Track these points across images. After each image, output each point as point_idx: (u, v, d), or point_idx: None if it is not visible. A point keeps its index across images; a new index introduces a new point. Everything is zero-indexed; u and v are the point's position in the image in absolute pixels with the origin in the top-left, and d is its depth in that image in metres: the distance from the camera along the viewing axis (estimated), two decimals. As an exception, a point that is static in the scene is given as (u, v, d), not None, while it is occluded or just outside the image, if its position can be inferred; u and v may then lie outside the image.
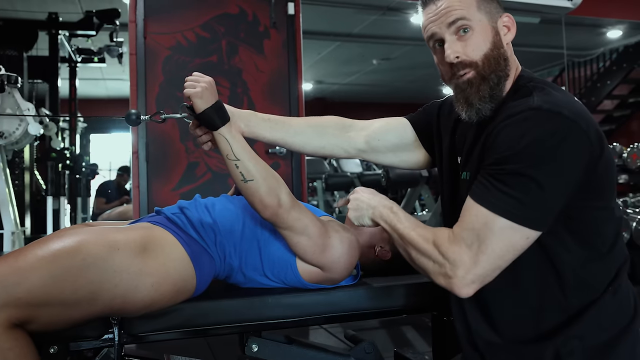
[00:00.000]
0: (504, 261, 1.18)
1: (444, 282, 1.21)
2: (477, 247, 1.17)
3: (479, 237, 1.16)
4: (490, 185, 1.17)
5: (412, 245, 1.29)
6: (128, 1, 3.71)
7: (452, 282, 1.19)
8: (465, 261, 1.17)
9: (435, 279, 1.23)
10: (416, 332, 3.07)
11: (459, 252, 1.18)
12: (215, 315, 1.49)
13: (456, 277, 1.18)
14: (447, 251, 1.20)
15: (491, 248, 1.16)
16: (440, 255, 1.21)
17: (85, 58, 6.61)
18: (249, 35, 3.89)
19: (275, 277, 1.55)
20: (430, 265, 1.23)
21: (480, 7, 1.29)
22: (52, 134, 4.87)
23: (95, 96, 10.90)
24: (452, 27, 1.29)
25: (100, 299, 1.28)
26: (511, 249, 1.16)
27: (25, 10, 6.18)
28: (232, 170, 1.42)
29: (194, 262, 1.43)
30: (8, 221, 3.69)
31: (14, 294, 1.18)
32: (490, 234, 1.16)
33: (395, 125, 1.65)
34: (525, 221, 1.14)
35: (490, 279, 1.19)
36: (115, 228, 1.40)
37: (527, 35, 7.83)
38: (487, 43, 1.29)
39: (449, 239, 1.21)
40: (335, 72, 10.58)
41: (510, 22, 1.33)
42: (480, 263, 1.17)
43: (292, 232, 1.47)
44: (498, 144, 1.18)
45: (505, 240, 1.16)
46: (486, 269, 1.17)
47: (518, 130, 1.16)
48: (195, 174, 3.75)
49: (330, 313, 1.56)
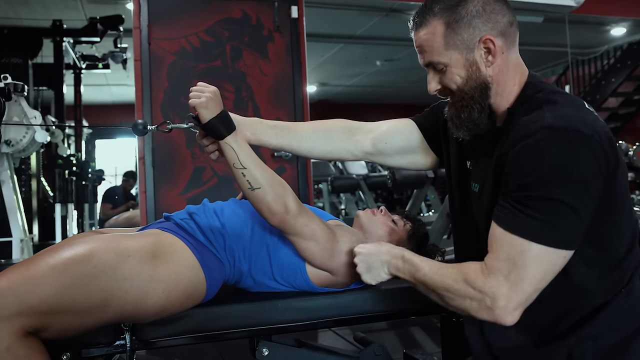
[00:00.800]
0: (545, 282, 1.17)
1: (487, 316, 1.20)
2: (516, 275, 1.16)
3: (517, 265, 1.16)
4: (518, 212, 1.16)
5: (442, 290, 1.27)
6: (132, 7, 3.72)
7: (496, 313, 1.18)
8: (504, 292, 1.17)
9: (477, 315, 1.22)
10: (425, 333, 3.07)
11: (497, 285, 1.17)
12: (226, 320, 1.50)
13: (498, 308, 1.17)
14: (483, 286, 1.19)
15: (531, 274, 1.15)
16: (477, 291, 1.20)
17: (89, 64, 6.63)
18: (253, 39, 3.90)
19: (284, 281, 1.56)
20: (469, 304, 1.22)
21: (449, 44, 1.28)
22: (59, 141, 4.89)
23: (100, 102, 10.94)
24: (429, 66, 1.33)
25: (112, 306, 1.29)
26: (551, 270, 1.17)
27: (29, 17, 6.21)
28: (239, 179, 1.43)
29: (203, 267, 1.44)
30: (16, 228, 3.72)
31: (26, 303, 1.19)
32: (529, 261, 1.15)
33: (402, 127, 1.65)
34: (560, 243, 1.15)
35: (532, 301, 1.19)
36: (125, 235, 1.41)
37: (531, 34, 7.82)
38: (460, 78, 1.30)
39: (483, 272, 1.20)
40: (339, 74, 10.58)
41: (491, 44, 1.27)
42: (520, 290, 1.16)
43: (301, 238, 1.48)
44: (518, 169, 1.17)
45: (544, 265, 1.15)
46: (528, 293, 1.17)
47: (536, 153, 1.15)
48: (201, 178, 3.76)
49: (339, 316, 1.57)
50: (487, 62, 1.28)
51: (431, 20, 1.29)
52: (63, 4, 6.03)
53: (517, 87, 1.32)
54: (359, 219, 1.74)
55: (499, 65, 1.29)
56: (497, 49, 1.27)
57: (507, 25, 1.29)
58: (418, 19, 1.32)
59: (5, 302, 1.18)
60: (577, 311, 1.23)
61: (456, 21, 1.26)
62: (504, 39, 1.29)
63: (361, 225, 1.71)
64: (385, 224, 1.72)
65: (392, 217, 1.76)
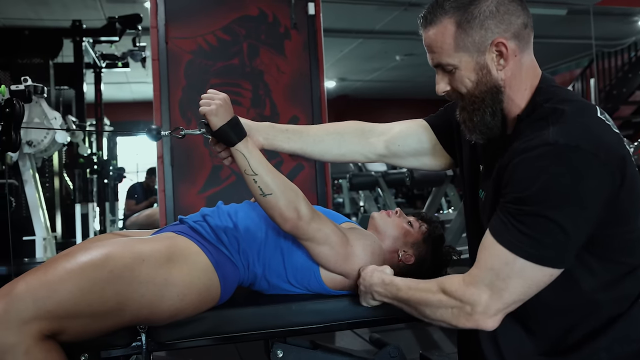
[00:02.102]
0: (526, 296, 1.17)
1: (466, 322, 1.20)
2: (498, 285, 1.16)
3: (499, 276, 1.16)
4: (509, 224, 1.15)
5: (422, 305, 1.29)
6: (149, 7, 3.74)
7: (475, 318, 1.18)
8: (485, 298, 1.17)
9: (457, 323, 1.22)
10: (443, 333, 3.05)
11: (477, 293, 1.18)
12: (240, 322, 1.50)
13: (477, 313, 1.18)
14: (463, 294, 1.19)
15: (513, 287, 1.15)
16: (457, 300, 1.21)
17: (109, 63, 6.69)
18: (270, 37, 3.90)
19: (298, 283, 1.56)
20: (449, 313, 1.23)
21: (459, 46, 1.23)
22: (79, 141, 4.95)
23: (121, 99, 11.06)
24: (438, 67, 1.30)
25: (128, 310, 1.31)
26: (534, 286, 1.16)
27: (49, 18, 6.29)
28: (251, 185, 1.43)
29: (217, 270, 1.44)
30: (39, 227, 3.77)
31: (44, 307, 1.21)
32: (511, 274, 1.15)
33: (415, 128, 1.63)
34: (545, 261, 1.13)
35: (513, 309, 1.19)
36: (140, 239, 1.43)
37: (555, 27, 7.72)
38: (470, 81, 1.26)
39: (465, 282, 1.20)
40: (358, 69, 10.56)
41: (503, 48, 1.22)
42: (500, 298, 1.16)
43: (314, 243, 1.48)
44: (515, 182, 1.15)
45: (526, 280, 1.15)
46: (508, 303, 1.17)
47: (534, 169, 1.13)
48: (219, 176, 3.77)
49: (354, 319, 1.57)
50: (499, 65, 1.24)
51: (442, 19, 1.24)
52: (82, 4, 6.11)
53: (529, 91, 1.28)
54: (373, 220, 1.73)
55: (511, 69, 1.25)
56: (510, 53, 1.23)
57: (522, 27, 1.24)
58: (428, 16, 1.27)
59: (23, 306, 1.20)
60: (590, 321, 1.21)
61: (468, 21, 1.22)
62: (517, 41, 1.23)
63: (376, 227, 1.70)
64: (400, 226, 1.70)
65: (407, 219, 1.75)
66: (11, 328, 1.18)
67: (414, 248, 1.70)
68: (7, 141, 1.64)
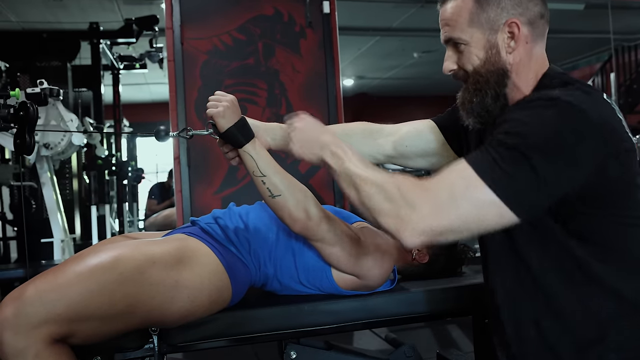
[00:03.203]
0: (464, 228, 1.10)
1: (392, 223, 1.11)
2: (446, 201, 1.08)
3: (453, 193, 1.08)
4: (487, 153, 1.10)
5: (367, 183, 1.17)
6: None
7: (402, 225, 1.09)
8: (426, 210, 1.09)
9: (382, 219, 1.13)
10: (461, 331, 3.02)
11: (425, 199, 1.09)
12: (253, 323, 1.50)
13: (410, 222, 1.09)
14: (411, 194, 1.10)
15: (459, 209, 1.08)
16: (401, 196, 1.11)
17: (127, 65, 6.72)
18: (285, 36, 3.89)
19: (310, 284, 1.55)
20: (386, 206, 1.12)
21: (473, 21, 1.23)
22: (97, 143, 4.99)
23: (139, 100, 11.13)
24: (448, 42, 1.29)
25: (138, 312, 1.30)
26: (478, 220, 1.08)
27: (67, 21, 6.34)
28: (259, 187, 1.42)
29: (228, 272, 1.43)
30: (57, 229, 3.81)
31: (54, 311, 1.20)
32: (466, 196, 1.08)
33: (423, 129, 1.60)
34: (506, 197, 1.06)
35: (441, 240, 1.11)
36: (151, 241, 1.42)
37: (572, 22, 7.62)
38: (478, 59, 1.24)
39: (419, 185, 1.12)
40: (375, 66, 10.51)
41: (516, 29, 1.22)
42: (440, 217, 1.08)
43: (325, 244, 1.46)
44: (508, 121, 1.12)
45: (477, 209, 1.08)
46: (443, 226, 1.09)
47: (530, 112, 1.10)
48: (236, 177, 3.77)
49: (367, 319, 1.56)
50: (509, 47, 1.23)
51: None
52: (100, 6, 6.14)
53: (534, 80, 1.26)
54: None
55: (520, 54, 1.24)
56: (521, 36, 1.22)
57: (538, 16, 1.23)
58: None
59: (33, 310, 1.19)
60: (600, 322, 1.16)
61: None
62: (531, 28, 1.23)
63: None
64: (414, 225, 1.68)
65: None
66: (21, 332, 1.17)
67: (427, 247, 1.68)
68: (22, 144, 1.64)
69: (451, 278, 1.74)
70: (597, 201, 1.12)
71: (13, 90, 2.05)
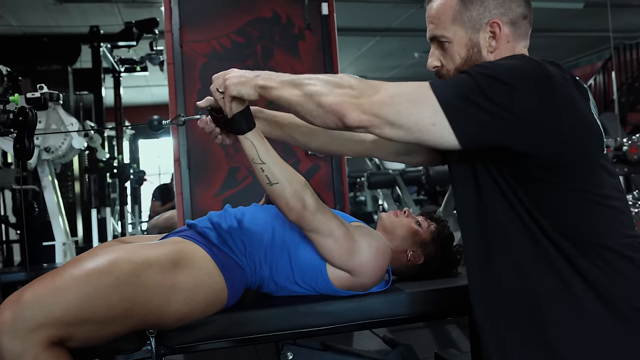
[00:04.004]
0: (403, 122, 1.13)
1: (336, 101, 1.16)
2: (392, 94, 1.14)
3: (400, 90, 1.14)
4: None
5: (310, 79, 1.23)
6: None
7: (345, 102, 1.15)
8: (370, 93, 1.15)
9: (325, 98, 1.17)
10: (460, 331, 3.03)
11: (371, 88, 1.15)
12: (249, 325, 1.51)
13: (353, 99, 1.15)
14: (358, 83, 1.17)
15: (402, 100, 1.13)
16: (348, 83, 1.18)
17: (128, 68, 6.75)
18: (284, 38, 3.90)
19: (306, 284, 1.56)
20: (330, 89, 1.18)
21: (456, 19, 1.27)
22: (97, 146, 5.00)
23: (141, 103, 11.15)
24: (433, 40, 1.32)
25: (135, 315, 1.32)
26: (415, 118, 1.12)
27: (68, 25, 6.36)
28: (258, 174, 1.43)
29: (224, 274, 1.45)
30: (59, 232, 3.82)
31: (51, 314, 1.22)
32: (411, 94, 1.13)
33: None
34: (442, 98, 1.11)
35: (379, 133, 1.16)
36: (147, 244, 1.44)
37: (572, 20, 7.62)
38: (459, 58, 1.28)
39: (370, 81, 1.19)
40: (376, 67, 10.53)
41: (497, 29, 1.25)
42: (383, 104, 1.13)
43: (318, 235, 1.47)
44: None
45: (416, 104, 1.12)
46: (383, 113, 1.13)
47: (498, 60, 1.20)
48: (236, 178, 3.78)
49: (362, 320, 1.57)
50: (490, 47, 1.27)
51: None
52: (101, 10, 6.17)
53: None
54: (381, 221, 1.73)
55: (501, 53, 1.27)
56: (502, 36, 1.26)
57: (520, 17, 1.27)
58: None
59: (30, 314, 1.21)
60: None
61: None
62: (512, 28, 1.27)
63: (384, 227, 1.70)
64: (408, 226, 1.70)
65: (416, 219, 1.74)
66: (19, 336, 1.19)
67: (422, 248, 1.69)
68: (21, 149, 1.66)
69: (447, 278, 1.76)
70: (551, 169, 1.13)
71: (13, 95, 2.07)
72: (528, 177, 1.15)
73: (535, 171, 1.13)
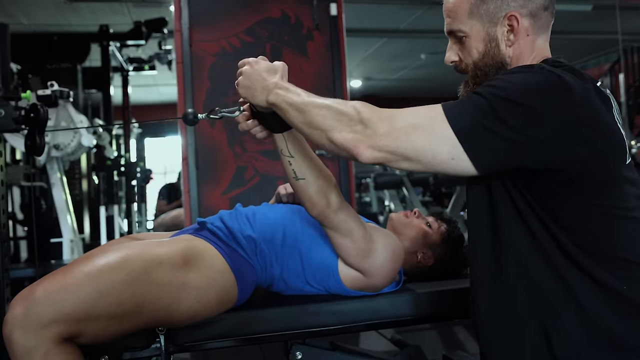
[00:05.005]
0: (419, 157, 1.10)
1: (348, 138, 1.12)
2: (405, 125, 1.10)
3: (414, 120, 1.10)
4: (461, 98, 1.13)
5: (317, 106, 1.18)
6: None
7: (358, 140, 1.11)
8: (382, 129, 1.10)
9: (336, 135, 1.13)
10: (468, 332, 3.02)
11: (383, 120, 1.11)
12: (259, 324, 1.51)
13: (365, 137, 1.11)
14: (369, 114, 1.12)
15: (416, 135, 1.09)
16: (358, 115, 1.13)
17: (136, 67, 6.76)
18: (293, 38, 3.90)
19: (317, 283, 1.56)
20: (340, 124, 1.14)
21: (472, 12, 1.23)
22: (106, 144, 5.02)
23: (149, 102, 11.17)
24: (450, 34, 1.29)
25: (145, 312, 1.32)
26: (432, 153, 1.09)
27: (78, 24, 6.38)
28: (286, 166, 1.41)
29: (235, 273, 1.45)
30: (66, 229, 3.84)
31: (62, 311, 1.22)
32: (425, 125, 1.09)
33: None
34: (460, 133, 1.07)
35: (396, 166, 1.13)
36: (158, 242, 1.44)
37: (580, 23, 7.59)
38: (477, 52, 1.25)
39: (380, 109, 1.14)
40: (383, 68, 10.51)
41: (515, 22, 1.21)
42: (396, 139, 1.09)
43: (337, 233, 1.47)
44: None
45: (432, 139, 1.08)
46: (398, 148, 1.10)
47: (513, 75, 1.13)
48: (244, 177, 3.79)
49: (372, 320, 1.56)
50: (508, 41, 1.23)
51: None
52: (110, 9, 6.18)
53: None
54: (392, 222, 1.72)
55: (520, 47, 1.23)
56: (521, 29, 1.22)
57: (541, 8, 1.22)
58: None
59: (42, 310, 1.21)
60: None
61: None
62: (532, 20, 1.22)
63: (394, 228, 1.70)
64: (419, 227, 1.69)
65: (426, 220, 1.74)
66: (30, 331, 1.19)
67: (433, 249, 1.69)
68: (32, 146, 1.67)
69: (457, 280, 1.75)
70: (572, 185, 1.10)
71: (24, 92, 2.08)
72: (546, 192, 1.12)
73: (554, 187, 1.10)
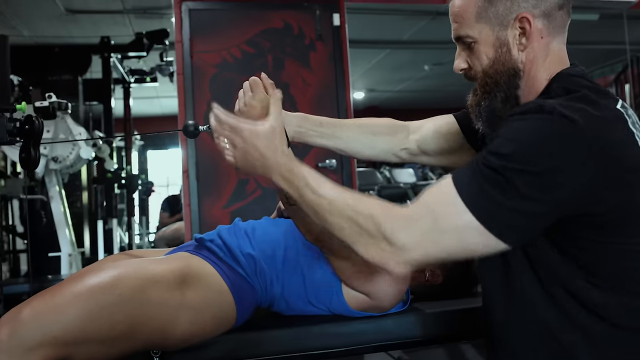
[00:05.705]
0: (450, 256, 1.04)
1: (374, 256, 1.04)
2: (428, 231, 1.01)
3: (435, 221, 1.01)
4: (472, 173, 1.01)
5: (333, 214, 1.07)
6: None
7: (385, 258, 1.03)
8: (407, 241, 1.02)
9: (362, 251, 1.06)
10: (475, 351, 2.93)
11: (404, 230, 1.02)
12: (259, 346, 1.43)
13: (392, 254, 1.02)
14: (388, 225, 1.02)
15: (442, 238, 1.01)
16: (376, 228, 1.03)
17: (138, 79, 6.74)
18: (295, 49, 3.87)
19: (319, 302, 1.48)
20: (362, 239, 1.05)
21: (480, 16, 1.13)
22: (105, 156, 4.97)
23: (150, 114, 11.15)
24: (458, 40, 1.20)
25: (138, 334, 1.25)
26: (462, 247, 1.01)
27: (79, 35, 6.36)
28: (279, 192, 1.36)
29: (233, 293, 1.38)
30: (65, 243, 3.78)
31: (50, 333, 1.15)
32: (448, 223, 1.00)
33: (446, 127, 1.52)
34: (487, 223, 0.98)
35: (426, 263, 1.08)
36: (153, 259, 1.37)
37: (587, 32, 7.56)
38: (487, 59, 1.15)
39: (396, 213, 1.04)
40: (387, 79, 10.48)
41: (527, 25, 1.10)
42: (423, 249, 1.02)
43: (337, 258, 1.41)
44: (498, 138, 1.02)
45: (459, 234, 1.00)
46: (427, 256, 1.03)
47: (521, 127, 1.00)
48: (245, 190, 3.74)
49: (379, 342, 1.49)
50: (520, 45, 1.13)
51: None
52: (112, 20, 6.16)
53: (547, 81, 1.15)
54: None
55: (534, 51, 1.13)
56: (534, 32, 1.11)
57: (555, 7, 1.12)
58: None
59: (28, 332, 1.14)
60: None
61: None
62: (546, 21, 1.12)
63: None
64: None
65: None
66: (15, 355, 1.12)
67: (441, 267, 1.62)
68: (27, 158, 1.61)
69: (465, 299, 1.68)
70: (596, 230, 1.03)
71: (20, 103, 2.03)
72: (567, 236, 1.05)
73: (576, 231, 1.03)
